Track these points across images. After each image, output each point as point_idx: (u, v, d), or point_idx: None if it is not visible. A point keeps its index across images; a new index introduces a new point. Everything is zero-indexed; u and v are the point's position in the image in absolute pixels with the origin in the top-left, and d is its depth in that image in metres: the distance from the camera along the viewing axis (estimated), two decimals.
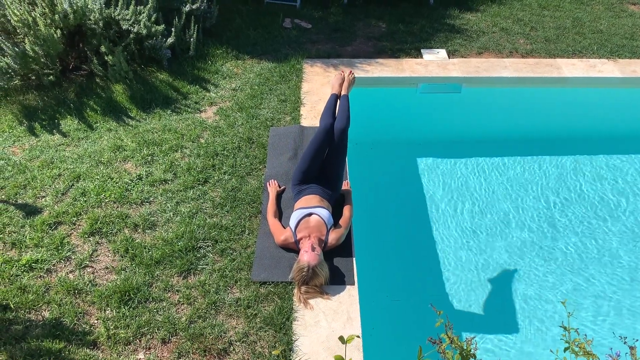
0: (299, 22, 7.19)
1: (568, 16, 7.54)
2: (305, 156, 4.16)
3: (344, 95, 4.40)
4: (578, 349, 2.23)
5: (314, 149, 4.12)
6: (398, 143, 6.16)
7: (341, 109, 4.29)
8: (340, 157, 4.19)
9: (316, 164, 4.16)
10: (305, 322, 3.50)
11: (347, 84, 4.51)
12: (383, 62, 6.31)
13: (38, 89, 5.68)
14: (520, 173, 5.71)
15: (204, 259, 3.91)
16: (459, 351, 2.23)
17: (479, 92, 6.36)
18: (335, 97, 4.42)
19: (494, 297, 4.59)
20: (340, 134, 4.12)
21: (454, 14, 7.49)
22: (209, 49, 6.42)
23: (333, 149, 4.16)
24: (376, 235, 5.04)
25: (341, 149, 4.17)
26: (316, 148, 4.12)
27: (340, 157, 4.19)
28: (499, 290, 4.64)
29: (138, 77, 5.90)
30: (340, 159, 4.18)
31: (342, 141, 4.14)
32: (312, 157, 4.13)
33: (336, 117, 4.25)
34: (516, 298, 4.57)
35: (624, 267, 4.82)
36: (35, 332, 3.41)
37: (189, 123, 5.27)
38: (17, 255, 3.91)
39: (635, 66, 6.37)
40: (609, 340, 4.19)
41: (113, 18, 5.76)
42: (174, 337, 3.42)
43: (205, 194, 4.45)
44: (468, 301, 4.55)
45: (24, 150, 4.95)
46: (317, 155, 4.14)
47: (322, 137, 4.12)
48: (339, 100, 4.42)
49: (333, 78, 4.64)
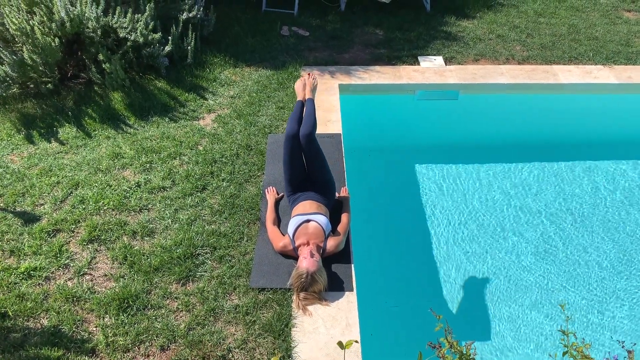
0: (296, 29, 7.23)
1: (564, 23, 7.60)
2: (284, 166, 4.15)
3: (309, 99, 4.31)
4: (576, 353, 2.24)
5: (287, 157, 4.09)
6: (395, 149, 6.18)
7: (306, 113, 4.21)
8: (318, 161, 4.11)
9: (298, 171, 4.13)
10: (304, 328, 3.49)
11: (310, 88, 4.46)
12: (380, 69, 6.34)
13: (36, 97, 5.69)
14: (518, 179, 5.73)
15: (202, 266, 3.91)
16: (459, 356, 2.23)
17: (476, 99, 6.39)
18: (301, 103, 4.33)
19: (493, 302, 4.59)
20: (306, 139, 4.01)
21: (451, 21, 7.53)
22: (207, 57, 6.45)
23: (306, 154, 4.10)
24: (374, 241, 5.05)
25: (314, 154, 4.07)
26: (288, 155, 4.08)
27: (318, 161, 4.11)
28: (498, 294, 4.64)
29: (136, 85, 5.92)
30: (318, 163, 4.11)
31: (311, 146, 4.03)
32: (289, 164, 4.10)
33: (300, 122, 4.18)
34: (515, 302, 4.57)
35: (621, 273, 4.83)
36: (33, 340, 3.40)
37: (187, 130, 5.28)
38: (15, 263, 3.91)
39: (630, 72, 6.41)
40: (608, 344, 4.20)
41: (111, 26, 5.79)
42: (173, 344, 3.41)
43: (203, 201, 4.46)
44: (467, 306, 4.55)
45: (22, 158, 4.95)
46: (293, 163, 4.10)
47: (288, 143, 4.05)
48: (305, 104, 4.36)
49: (295, 84, 4.58)
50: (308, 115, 4.16)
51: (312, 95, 4.39)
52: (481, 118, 6.50)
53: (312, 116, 4.15)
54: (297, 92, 4.48)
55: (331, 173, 4.18)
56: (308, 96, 4.36)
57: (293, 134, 4.03)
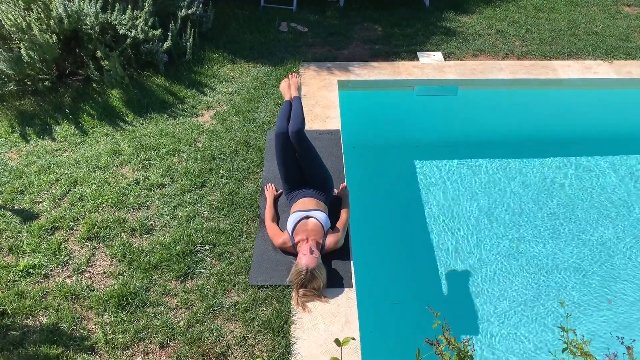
0: (295, 25, 7.20)
1: (563, 18, 7.58)
2: (277, 164, 4.16)
3: (295, 97, 4.32)
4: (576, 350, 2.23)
5: (279, 155, 4.10)
6: (395, 145, 6.17)
7: (294, 112, 4.22)
8: (311, 158, 4.11)
9: (292, 169, 4.12)
10: (303, 325, 3.49)
11: (295, 86, 4.48)
12: (379, 65, 6.32)
13: (34, 94, 5.67)
14: (517, 175, 5.72)
15: (201, 263, 3.91)
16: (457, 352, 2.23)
17: (475, 94, 6.37)
18: (289, 103, 4.33)
19: (491, 298, 4.59)
20: (296, 136, 4.01)
21: (450, 16, 7.51)
22: (206, 53, 6.43)
23: (298, 152, 4.09)
24: (374, 237, 5.04)
25: (306, 150, 4.07)
26: (279, 153, 4.08)
27: (311, 158, 4.11)
28: (496, 291, 4.64)
29: (134, 81, 5.90)
30: (312, 160, 4.11)
31: (302, 143, 4.04)
32: (282, 163, 4.11)
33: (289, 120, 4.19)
34: (514, 299, 4.57)
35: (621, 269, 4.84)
36: (32, 338, 3.40)
37: (186, 127, 5.27)
38: (14, 260, 3.90)
39: (630, 67, 6.39)
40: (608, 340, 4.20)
41: (109, 23, 5.77)
42: (172, 342, 3.41)
43: (202, 198, 4.45)
44: (465, 302, 4.55)
45: (20, 155, 4.94)
46: (286, 160, 4.09)
47: (278, 141, 4.06)
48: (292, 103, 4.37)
49: (280, 85, 4.59)
50: (296, 114, 4.17)
51: (297, 93, 4.40)
52: (480, 114, 6.49)
53: (300, 113, 4.16)
54: (283, 93, 4.50)
55: (327, 169, 4.17)
56: (294, 94, 4.37)
57: (282, 131, 4.04)
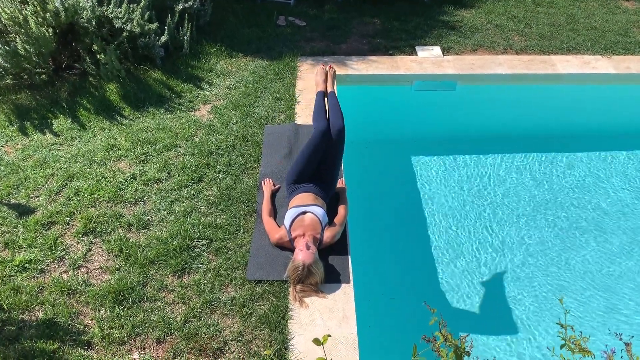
0: (293, 19, 7.17)
1: (562, 13, 7.55)
2: (302, 158, 4.11)
3: (331, 93, 4.35)
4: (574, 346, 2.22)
5: (311, 152, 4.07)
6: (392, 141, 6.16)
7: (334, 108, 4.24)
8: (338, 157, 4.16)
9: (312, 166, 4.11)
10: (301, 320, 3.48)
11: (332, 79, 4.47)
12: (377, 60, 6.30)
13: (30, 88, 5.64)
14: (515, 170, 5.72)
15: (198, 258, 3.90)
16: (454, 349, 2.22)
17: (474, 89, 6.36)
18: (322, 95, 4.35)
19: (489, 295, 4.59)
20: (339, 132, 4.08)
21: (449, 11, 7.48)
22: (203, 47, 6.39)
23: (331, 148, 4.11)
24: (371, 233, 5.04)
25: (340, 148, 4.14)
26: (314, 151, 4.07)
27: (338, 157, 4.16)
28: (494, 287, 4.64)
29: (131, 75, 5.87)
30: (337, 159, 4.16)
31: (341, 139, 4.11)
32: (309, 159, 4.08)
33: (329, 117, 4.21)
34: (511, 296, 4.57)
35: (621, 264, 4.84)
36: (29, 333, 3.38)
37: (183, 122, 5.24)
38: (10, 255, 3.88)
39: (629, 62, 6.38)
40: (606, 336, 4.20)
41: (106, 16, 5.73)
42: (169, 337, 3.40)
43: (199, 193, 4.43)
44: (463, 299, 4.55)
45: (16, 149, 4.91)
46: (314, 158, 4.09)
47: (319, 139, 4.06)
48: (327, 98, 4.37)
49: (316, 75, 4.58)
50: (336, 110, 4.20)
51: (333, 87, 4.43)
52: (479, 108, 6.48)
53: (339, 109, 4.20)
54: (317, 83, 4.49)
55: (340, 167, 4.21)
56: (330, 89, 4.38)
57: (324, 130, 4.06)
